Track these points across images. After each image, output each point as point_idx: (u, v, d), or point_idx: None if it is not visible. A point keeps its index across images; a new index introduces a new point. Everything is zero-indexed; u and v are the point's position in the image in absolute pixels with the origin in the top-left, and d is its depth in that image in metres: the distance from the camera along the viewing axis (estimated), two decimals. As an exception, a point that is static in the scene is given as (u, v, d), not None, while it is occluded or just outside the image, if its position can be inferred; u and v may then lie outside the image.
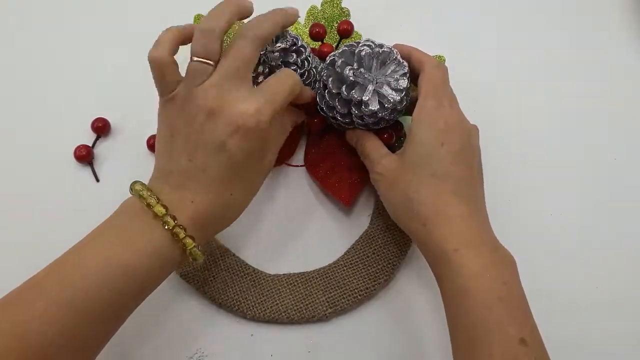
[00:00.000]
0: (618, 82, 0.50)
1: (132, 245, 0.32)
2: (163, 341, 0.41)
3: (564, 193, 0.46)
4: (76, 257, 0.33)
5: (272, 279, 0.41)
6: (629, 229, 0.45)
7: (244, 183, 0.36)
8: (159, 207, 0.33)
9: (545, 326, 0.33)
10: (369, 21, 0.50)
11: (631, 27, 0.51)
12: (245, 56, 0.35)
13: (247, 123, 0.33)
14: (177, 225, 0.33)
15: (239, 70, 0.34)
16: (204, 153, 0.34)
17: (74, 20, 0.51)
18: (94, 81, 0.49)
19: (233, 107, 0.33)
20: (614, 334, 0.42)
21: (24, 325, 0.30)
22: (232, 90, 0.34)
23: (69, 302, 0.31)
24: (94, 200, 0.44)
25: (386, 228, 0.43)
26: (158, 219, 0.33)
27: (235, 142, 0.34)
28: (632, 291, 0.43)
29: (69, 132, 0.46)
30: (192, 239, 0.33)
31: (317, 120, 0.44)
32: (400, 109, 0.41)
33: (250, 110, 0.33)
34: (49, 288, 0.32)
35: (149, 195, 0.33)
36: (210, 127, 0.34)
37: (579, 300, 0.43)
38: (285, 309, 0.40)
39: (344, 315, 0.42)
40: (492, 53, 0.51)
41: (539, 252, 0.44)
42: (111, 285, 0.31)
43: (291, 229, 0.44)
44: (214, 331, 0.41)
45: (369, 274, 0.42)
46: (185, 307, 0.42)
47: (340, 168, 0.44)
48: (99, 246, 0.33)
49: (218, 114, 0.33)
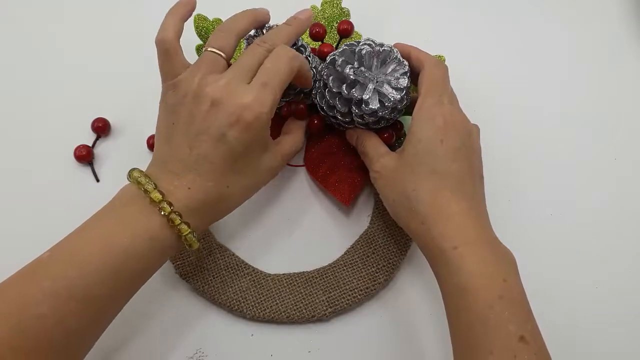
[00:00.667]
0: (618, 82, 0.50)
1: (130, 230, 0.33)
2: (163, 341, 0.41)
3: (564, 193, 0.46)
4: (76, 241, 0.33)
5: (271, 278, 0.41)
6: (628, 228, 0.45)
7: (241, 177, 0.36)
8: (155, 193, 0.33)
9: (545, 326, 0.33)
10: (368, 21, 0.50)
11: (631, 27, 0.52)
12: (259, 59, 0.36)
13: (246, 114, 0.34)
14: (173, 211, 0.33)
15: (250, 71, 0.36)
16: (204, 142, 0.34)
17: (74, 20, 0.51)
18: (94, 81, 0.49)
19: (235, 98, 0.34)
20: (614, 333, 0.42)
21: (21, 308, 0.31)
22: (239, 84, 0.35)
23: (67, 284, 0.31)
24: (94, 200, 0.43)
25: (386, 228, 0.43)
26: (155, 205, 0.33)
27: (235, 134, 0.34)
28: (632, 291, 0.43)
29: (69, 132, 0.46)
30: (188, 225, 0.34)
31: (317, 121, 0.44)
32: (401, 108, 0.41)
33: (249, 101, 0.34)
34: (48, 272, 0.32)
35: (147, 182, 0.34)
36: (213, 116, 0.34)
37: (578, 300, 0.43)
38: (285, 309, 0.40)
39: (345, 315, 0.42)
40: (492, 53, 0.51)
41: (539, 252, 0.44)
42: (110, 267, 0.32)
43: (291, 229, 0.44)
44: (214, 331, 0.41)
45: (368, 274, 0.42)
46: (185, 307, 0.41)
47: (340, 168, 0.44)
48: (98, 231, 0.33)
49: (221, 104, 0.34)
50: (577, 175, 0.47)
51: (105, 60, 0.49)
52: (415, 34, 0.51)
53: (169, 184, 0.34)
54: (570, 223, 0.45)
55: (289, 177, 0.46)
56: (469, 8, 0.52)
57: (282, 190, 0.45)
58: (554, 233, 0.45)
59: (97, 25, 0.51)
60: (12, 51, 0.50)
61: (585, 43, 0.51)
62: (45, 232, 0.42)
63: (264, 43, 0.37)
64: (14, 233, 0.43)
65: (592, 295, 0.43)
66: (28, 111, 0.47)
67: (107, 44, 0.50)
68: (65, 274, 0.31)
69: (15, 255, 0.41)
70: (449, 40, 0.51)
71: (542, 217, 0.45)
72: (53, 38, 0.50)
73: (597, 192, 0.46)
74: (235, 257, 0.42)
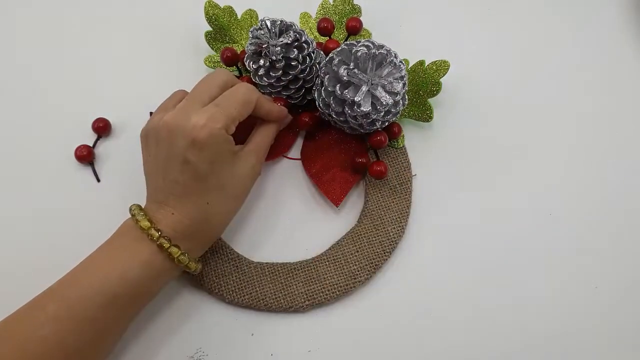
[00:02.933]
0: (618, 82, 0.50)
1: (125, 257, 0.36)
2: (163, 341, 0.41)
3: (564, 193, 0.46)
4: (79, 271, 0.36)
5: (254, 266, 0.42)
6: (628, 229, 0.45)
7: (219, 192, 0.38)
8: (144, 221, 0.36)
9: (545, 326, 0.33)
10: (380, 19, 0.50)
11: (631, 27, 0.51)
12: (212, 92, 0.38)
13: (200, 134, 0.35)
14: (162, 236, 0.36)
15: (202, 98, 0.37)
16: (172, 170, 0.36)
17: (75, 19, 0.51)
18: (94, 81, 0.49)
19: (189, 121, 0.36)
20: (614, 334, 0.42)
21: (26, 330, 0.33)
22: (189, 109, 0.37)
23: (67, 305, 0.34)
24: (95, 200, 0.45)
25: (373, 228, 0.44)
26: (145, 232, 0.36)
27: (194, 155, 0.36)
28: (632, 291, 0.43)
29: (70, 132, 0.47)
30: (178, 247, 0.36)
31: (308, 119, 0.44)
32: (395, 111, 0.41)
33: (201, 121, 0.36)
34: (52, 297, 0.35)
35: (138, 213, 0.37)
36: (173, 142, 0.36)
37: (578, 300, 0.42)
38: (264, 297, 0.41)
39: (345, 315, 0.42)
40: (492, 53, 0.51)
41: (539, 252, 0.44)
42: (108, 292, 0.34)
43: (281, 220, 0.45)
44: (214, 331, 0.41)
45: (350, 271, 0.42)
46: (185, 307, 0.42)
47: (334, 165, 0.45)
48: (97, 260, 0.36)
49: (177, 129, 0.36)
50: (577, 176, 0.46)
51: (105, 60, 0.50)
52: (427, 36, 0.51)
53: (156, 213, 0.37)
54: (570, 223, 0.45)
55: (285, 168, 0.46)
56: (479, 9, 0.52)
57: (277, 181, 0.46)
58: (553, 233, 0.44)
59: (97, 25, 0.51)
60: (12, 51, 0.50)
61: (586, 43, 0.51)
62: (46, 232, 0.44)
63: (218, 78, 0.39)
64: (14, 233, 0.44)
65: (591, 296, 0.43)
66: (29, 111, 0.48)
67: (108, 44, 0.51)
68: (66, 297, 0.34)
69: (16, 255, 0.43)
70: (459, 42, 0.51)
71: (541, 217, 0.45)
72: (53, 38, 0.51)
73: (597, 192, 0.46)
74: (221, 242, 0.43)
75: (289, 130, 0.46)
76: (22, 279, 0.41)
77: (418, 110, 0.46)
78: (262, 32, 0.41)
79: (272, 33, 0.41)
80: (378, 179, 0.44)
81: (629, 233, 0.45)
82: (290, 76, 0.42)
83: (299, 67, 0.42)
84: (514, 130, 0.48)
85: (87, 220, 0.44)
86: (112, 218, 0.44)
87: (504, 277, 0.43)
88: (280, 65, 0.41)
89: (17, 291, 0.41)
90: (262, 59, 0.42)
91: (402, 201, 0.45)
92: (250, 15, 0.48)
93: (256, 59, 0.42)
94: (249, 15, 0.48)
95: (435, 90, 0.45)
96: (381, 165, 0.43)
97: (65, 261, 0.43)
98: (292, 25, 0.42)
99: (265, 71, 0.42)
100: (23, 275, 0.42)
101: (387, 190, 0.45)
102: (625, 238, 0.44)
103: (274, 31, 0.41)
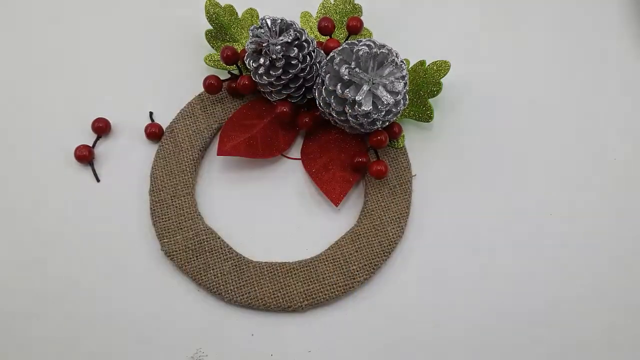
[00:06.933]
0: (618, 82, 0.50)
1: None
2: (163, 341, 0.41)
3: (564, 193, 0.46)
4: None
5: (253, 265, 0.42)
6: (628, 229, 0.45)
7: None
8: None
9: (545, 326, 0.33)
10: (381, 19, 0.50)
11: (631, 27, 0.51)
12: None
13: None
14: None
15: None
16: None
17: (74, 19, 0.51)
18: (94, 81, 0.49)
19: None
20: (614, 334, 0.42)
21: None
22: None
23: None
24: (94, 200, 0.44)
25: (372, 228, 0.43)
26: None
27: None
28: (632, 291, 0.43)
29: (69, 132, 0.47)
30: None
31: (308, 119, 0.44)
32: (396, 111, 0.41)
33: None
34: None
35: None
36: None
37: (578, 300, 0.42)
38: (263, 296, 0.41)
39: (345, 315, 0.42)
40: (492, 53, 0.51)
41: (539, 252, 0.44)
42: None
43: (281, 220, 0.45)
44: (214, 331, 0.41)
45: (349, 271, 0.42)
46: (185, 307, 0.42)
47: (334, 165, 0.45)
48: None
49: None
50: (577, 176, 0.46)
51: (105, 60, 0.50)
52: (428, 36, 0.51)
53: None
54: (570, 224, 0.45)
55: (285, 168, 0.46)
56: (479, 10, 0.53)
57: (276, 181, 0.46)
58: (553, 233, 0.44)
59: (97, 25, 0.51)
60: (12, 51, 0.50)
61: (586, 43, 0.51)
62: (46, 232, 0.43)
63: None
64: (14, 233, 0.44)
65: (591, 296, 0.43)
66: (28, 111, 0.48)
67: (108, 44, 0.50)
68: None
69: (16, 255, 0.43)
70: (460, 43, 0.51)
71: (541, 217, 0.45)
72: (53, 38, 0.50)
73: (597, 192, 0.46)
74: (220, 241, 0.43)
75: (289, 130, 0.46)
76: (22, 278, 0.41)
77: (418, 110, 0.46)
78: (263, 31, 0.41)
79: (273, 32, 0.41)
80: (378, 178, 0.44)
81: (630, 233, 0.44)
82: (290, 75, 0.42)
83: (299, 65, 0.42)
84: (514, 131, 0.48)
85: (87, 220, 0.44)
86: (112, 218, 0.44)
87: (504, 277, 0.43)
88: (280, 64, 0.41)
89: (17, 291, 0.41)
90: (262, 58, 0.42)
91: (402, 201, 0.44)
92: (250, 14, 0.48)
93: (256, 58, 0.42)
94: (250, 14, 0.48)
95: (435, 91, 0.45)
96: (381, 164, 0.43)
97: (65, 261, 0.43)
98: (292, 24, 0.42)
99: (265, 70, 0.42)
100: (23, 275, 0.42)
101: (387, 190, 0.45)
102: (626, 238, 0.44)
103: (275, 30, 0.41)
